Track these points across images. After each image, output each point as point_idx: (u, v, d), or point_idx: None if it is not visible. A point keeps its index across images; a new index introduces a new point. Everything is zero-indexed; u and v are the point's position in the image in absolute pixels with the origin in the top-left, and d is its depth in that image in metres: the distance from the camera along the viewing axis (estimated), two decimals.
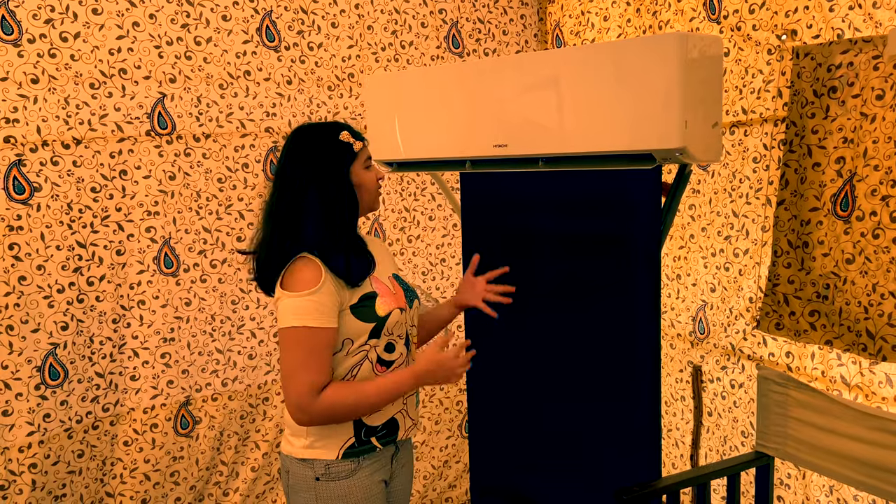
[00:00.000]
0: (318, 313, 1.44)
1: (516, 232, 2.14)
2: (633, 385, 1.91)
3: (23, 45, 2.09)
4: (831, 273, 1.92)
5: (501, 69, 1.85)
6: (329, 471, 1.52)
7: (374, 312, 1.51)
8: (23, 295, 2.15)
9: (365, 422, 1.54)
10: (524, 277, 2.13)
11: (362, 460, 1.55)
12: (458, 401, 3.06)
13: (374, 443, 1.56)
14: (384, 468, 1.61)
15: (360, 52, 2.66)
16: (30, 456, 2.18)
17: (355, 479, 1.53)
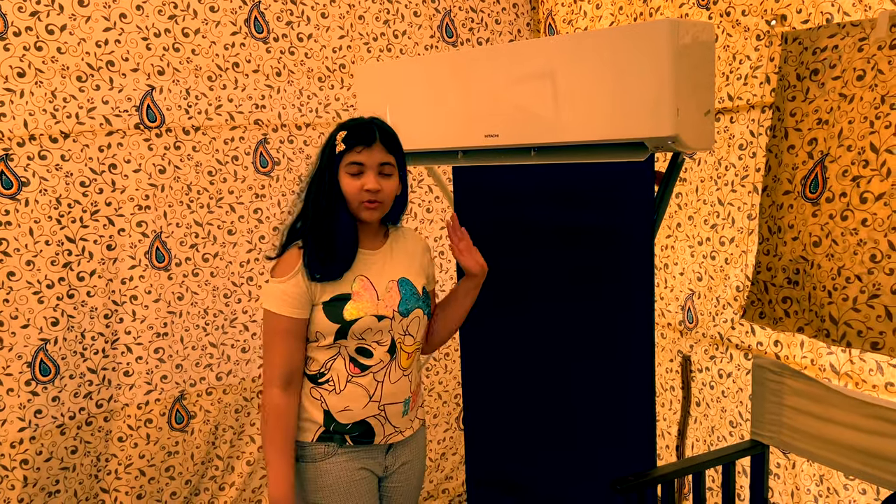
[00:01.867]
0: (281, 301, 1.50)
1: (510, 224, 2.12)
2: (629, 375, 1.90)
3: (8, 39, 2.06)
4: (800, 257, 1.89)
5: (493, 58, 1.83)
6: (304, 452, 1.56)
7: (340, 314, 1.51)
8: (11, 291, 2.13)
9: (334, 416, 1.55)
10: (518, 270, 2.12)
11: (338, 446, 1.56)
12: (455, 394, 3.05)
13: (346, 438, 1.56)
14: (370, 461, 1.60)
15: (352, 42, 2.63)
16: (21, 452, 2.17)
17: (330, 463, 1.55)
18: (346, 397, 1.55)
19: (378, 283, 1.58)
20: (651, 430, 1.89)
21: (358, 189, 1.52)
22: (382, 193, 1.54)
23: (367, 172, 1.53)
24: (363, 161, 1.52)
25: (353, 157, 1.52)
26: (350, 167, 1.52)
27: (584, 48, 1.64)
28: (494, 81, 1.82)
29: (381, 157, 1.54)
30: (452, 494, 3.07)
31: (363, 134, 1.52)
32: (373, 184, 1.52)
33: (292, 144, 2.58)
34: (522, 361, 2.16)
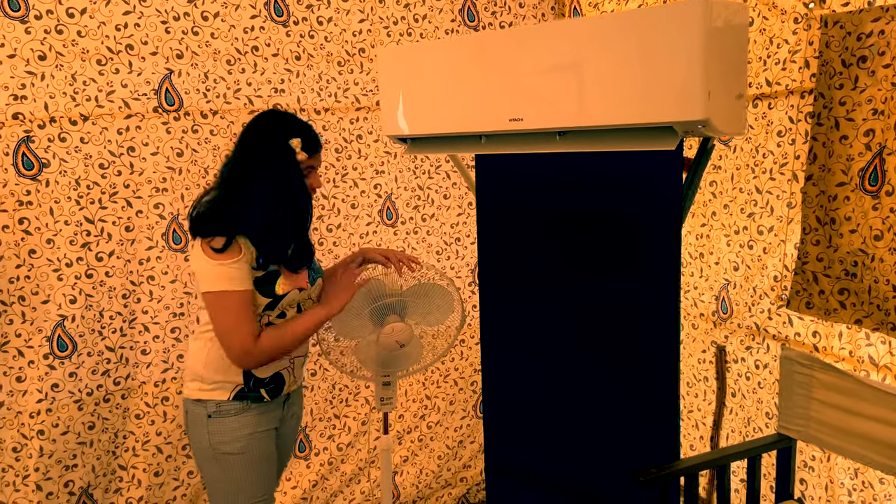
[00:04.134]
0: (240, 279, 1.65)
1: (533, 210, 2.09)
2: (652, 364, 1.86)
3: (30, 22, 2.05)
4: (859, 250, 1.85)
5: (519, 40, 1.79)
6: (220, 409, 1.74)
7: (273, 290, 1.72)
8: (33, 268, 2.15)
9: (254, 373, 1.75)
10: (541, 256, 2.08)
11: (251, 403, 1.76)
12: (472, 381, 3.04)
13: (262, 393, 1.77)
14: (273, 413, 1.82)
15: (372, 26, 2.60)
16: (38, 423, 2.21)
17: (244, 417, 1.75)
18: None
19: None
20: (675, 420, 1.86)
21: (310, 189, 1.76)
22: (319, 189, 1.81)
23: (314, 174, 1.76)
24: (314, 164, 1.76)
25: (310, 162, 1.74)
26: (306, 170, 1.73)
27: (613, 29, 1.60)
28: (520, 64, 1.77)
29: (321, 161, 1.79)
30: (470, 483, 3.05)
31: (315, 143, 1.74)
32: (320, 184, 1.78)
33: None
34: (543, 349, 2.14)
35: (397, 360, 2.23)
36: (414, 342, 2.20)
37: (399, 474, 2.92)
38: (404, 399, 2.91)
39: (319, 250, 2.64)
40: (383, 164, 2.71)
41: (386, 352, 2.16)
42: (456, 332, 2.30)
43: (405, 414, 2.92)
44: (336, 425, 2.78)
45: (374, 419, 2.84)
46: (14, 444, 2.19)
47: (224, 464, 1.76)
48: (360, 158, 2.67)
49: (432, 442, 2.98)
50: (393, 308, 2.15)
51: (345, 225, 2.68)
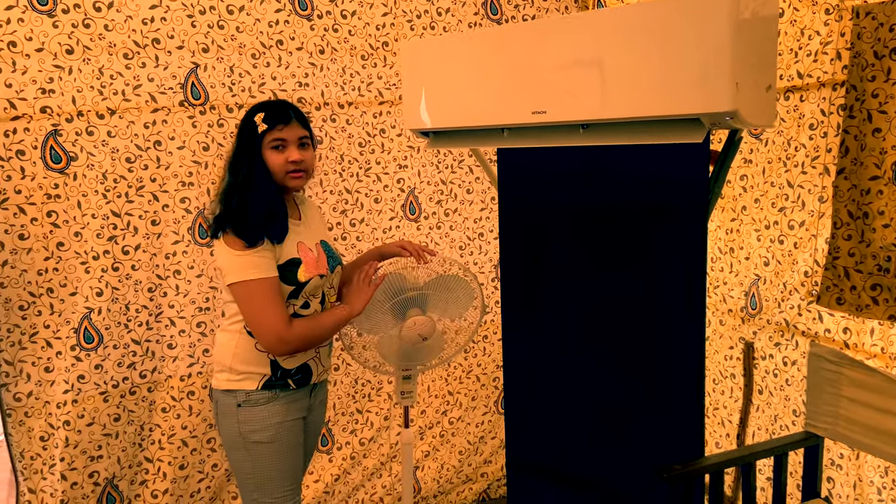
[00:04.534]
0: (265, 267, 1.68)
1: (556, 205, 2.07)
2: (677, 360, 1.84)
3: (57, 16, 2.08)
4: (892, 245, 1.81)
5: (541, 32, 1.77)
6: (249, 399, 1.77)
7: (295, 277, 1.74)
8: (61, 260, 2.18)
9: (281, 364, 1.78)
10: (565, 251, 2.07)
11: (279, 392, 1.79)
12: (494, 377, 3.02)
13: (289, 382, 1.80)
14: (301, 402, 1.85)
15: (395, 19, 2.60)
16: (64, 413, 2.25)
17: (272, 406, 1.78)
18: None
19: (311, 245, 1.82)
20: (700, 417, 1.83)
21: (283, 161, 1.74)
22: (305, 163, 1.77)
23: (289, 147, 1.74)
24: (285, 137, 1.73)
25: (276, 135, 1.72)
26: (273, 143, 1.73)
27: (638, 19, 1.57)
28: (543, 56, 1.76)
29: (298, 132, 1.76)
30: (491, 478, 3.04)
31: (281, 113, 1.73)
32: (296, 155, 1.75)
33: (335, 123, 2.56)
34: (566, 345, 2.12)
35: (419, 353, 2.22)
36: (436, 335, 2.20)
37: (420, 469, 2.92)
38: (426, 395, 2.91)
39: (343, 244, 2.65)
40: (406, 159, 2.71)
41: (408, 345, 2.16)
42: (476, 324, 2.29)
43: (427, 409, 2.92)
44: (358, 420, 2.79)
45: (396, 414, 2.84)
46: (41, 433, 2.23)
47: (254, 453, 1.78)
48: (384, 153, 2.67)
49: (454, 437, 2.98)
50: (414, 302, 2.15)
51: (368, 220, 2.68)
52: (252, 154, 1.72)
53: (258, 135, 1.72)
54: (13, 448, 2.22)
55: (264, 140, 1.72)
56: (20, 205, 2.11)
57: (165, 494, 2.44)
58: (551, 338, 2.16)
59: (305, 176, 1.80)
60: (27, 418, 2.21)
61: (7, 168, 2.07)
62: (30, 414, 2.21)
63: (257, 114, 1.73)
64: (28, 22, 2.04)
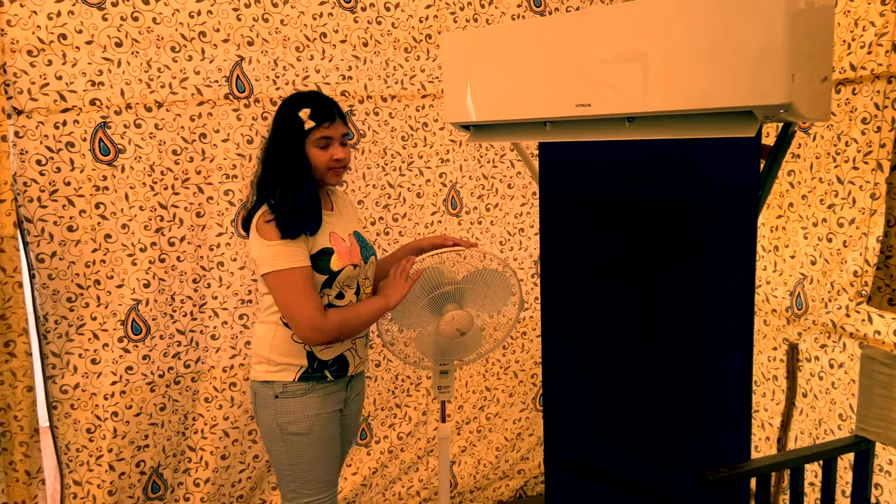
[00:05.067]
0: (298, 256, 1.70)
1: (598, 200, 2.04)
2: (723, 360, 1.80)
3: (107, 9, 2.11)
4: None
5: (587, 22, 1.74)
6: (286, 390, 1.79)
7: (328, 266, 1.75)
8: (108, 252, 2.22)
9: (317, 355, 1.80)
10: (607, 248, 2.03)
11: (316, 384, 1.80)
12: (532, 374, 3.00)
13: (326, 374, 1.81)
14: (337, 394, 1.86)
15: (438, 12, 2.58)
16: (112, 405, 2.28)
17: (309, 398, 1.79)
18: None
19: (344, 235, 1.84)
20: (746, 419, 1.79)
21: (328, 159, 1.76)
22: (346, 160, 1.81)
23: (333, 144, 1.77)
24: (330, 135, 1.76)
25: (322, 132, 1.74)
26: (319, 141, 1.75)
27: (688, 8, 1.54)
28: (588, 47, 1.73)
29: (342, 130, 1.79)
30: (528, 476, 3.02)
31: (327, 111, 1.75)
32: (340, 153, 1.78)
33: (378, 117, 2.56)
34: (607, 343, 2.09)
35: (456, 348, 2.22)
36: (474, 330, 2.19)
37: (457, 464, 2.91)
38: (464, 390, 2.90)
39: (385, 240, 2.65)
40: (448, 153, 2.70)
41: (446, 340, 2.15)
42: (514, 319, 2.27)
43: (464, 405, 2.91)
44: (397, 414, 2.79)
45: (434, 409, 2.84)
46: (88, 426, 2.27)
47: (291, 444, 1.79)
48: (426, 147, 2.66)
49: (491, 433, 2.97)
50: (451, 296, 2.14)
51: (410, 214, 2.68)
52: (296, 149, 1.73)
53: (304, 131, 1.73)
54: (58, 441, 2.26)
55: (310, 136, 1.74)
56: (69, 196, 2.15)
57: (207, 483, 2.48)
58: (592, 336, 2.12)
59: (344, 172, 1.83)
60: (73, 410, 2.25)
61: (57, 160, 2.11)
62: (76, 406, 2.25)
63: (302, 109, 1.73)
64: (78, 15, 2.08)
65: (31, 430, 2.15)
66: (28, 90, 2.04)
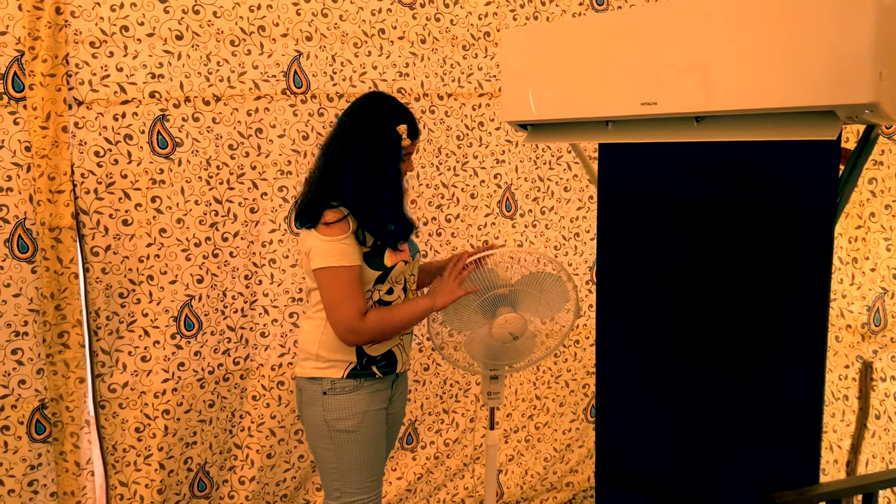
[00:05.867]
0: (351, 255, 1.70)
1: (661, 204, 1.95)
2: (793, 378, 1.69)
3: (168, 2, 2.13)
4: None
5: (654, 17, 1.66)
6: (335, 386, 1.77)
7: (382, 263, 1.75)
8: (163, 247, 2.22)
9: (366, 351, 1.78)
10: (670, 255, 1.94)
11: (364, 381, 1.78)
12: (584, 383, 2.91)
13: (374, 370, 1.79)
14: (384, 392, 1.84)
15: (498, 9, 2.53)
16: (164, 402, 2.27)
17: (357, 395, 1.78)
18: None
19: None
20: (816, 440, 1.67)
21: (405, 171, 1.81)
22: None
23: (409, 159, 1.80)
24: (413, 151, 1.81)
25: (410, 149, 1.78)
26: (406, 154, 1.78)
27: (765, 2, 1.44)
28: (655, 42, 1.65)
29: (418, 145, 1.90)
30: (577, 489, 2.93)
31: (417, 129, 1.79)
32: (413, 167, 1.84)
33: (433, 115, 2.52)
34: (666, 354, 1.99)
35: (508, 353, 2.16)
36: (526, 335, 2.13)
37: (504, 473, 2.84)
38: (513, 398, 2.83)
39: (437, 241, 2.61)
40: (504, 154, 2.64)
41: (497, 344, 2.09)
42: (569, 327, 2.19)
43: (513, 413, 2.84)
44: (444, 420, 2.74)
45: (482, 416, 2.77)
46: (137, 425, 2.26)
47: (338, 442, 1.77)
48: (481, 146, 2.61)
49: (539, 443, 2.88)
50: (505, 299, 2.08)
51: (463, 216, 2.63)
52: (395, 160, 1.75)
53: (400, 145, 1.75)
54: (105, 441, 2.24)
55: (401, 150, 1.76)
56: (126, 189, 2.16)
57: (252, 482, 2.46)
58: (650, 347, 2.03)
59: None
60: (121, 410, 2.23)
61: (114, 152, 2.13)
62: (124, 405, 2.24)
63: (401, 124, 1.74)
64: (140, 6, 2.09)
65: (82, 421, 2.16)
66: (89, 81, 2.06)
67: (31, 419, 2.12)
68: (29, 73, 1.97)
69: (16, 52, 1.96)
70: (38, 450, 2.14)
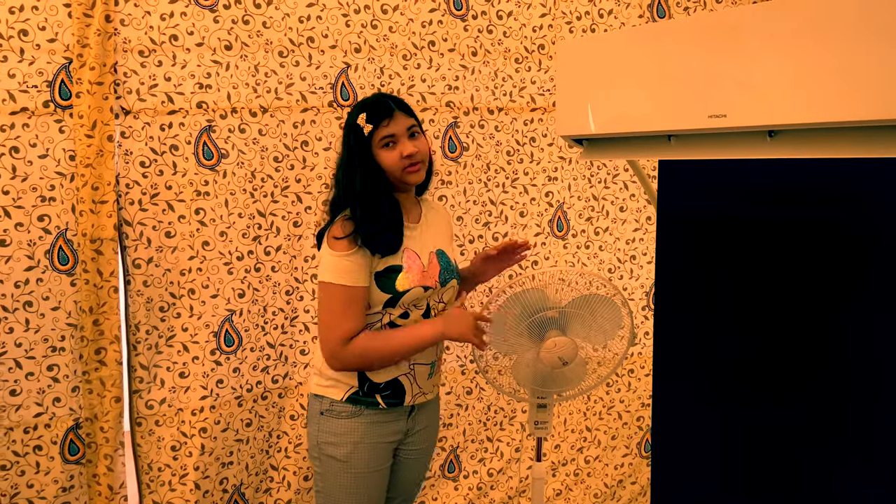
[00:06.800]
0: (353, 273, 1.57)
1: (728, 225, 1.81)
2: (880, 413, 1.52)
3: (218, 11, 2.10)
4: None
5: (723, 24, 1.55)
6: (332, 408, 1.66)
7: (392, 286, 1.60)
8: (205, 260, 2.17)
9: (369, 376, 1.64)
10: (734, 279, 1.80)
11: (364, 409, 1.65)
12: (639, 416, 2.75)
13: (377, 399, 1.65)
14: (391, 425, 1.69)
15: (553, 21, 2.44)
16: (201, 420, 2.20)
17: (353, 422, 1.65)
18: None
19: (422, 254, 1.67)
20: None
21: (398, 158, 1.60)
22: (420, 154, 1.63)
23: (400, 140, 1.61)
24: (393, 132, 1.60)
25: (383, 132, 1.60)
26: (383, 141, 1.60)
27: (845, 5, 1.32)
28: (725, 50, 1.53)
29: (405, 123, 1.62)
30: None
31: (382, 108, 1.60)
32: (410, 148, 1.60)
33: (483, 129, 2.43)
34: (731, 388, 1.84)
35: (556, 380, 2.04)
36: (577, 361, 2.00)
37: None
38: (562, 428, 2.69)
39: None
40: (556, 171, 2.53)
41: (546, 369, 1.98)
42: (622, 355, 2.06)
43: (562, 444, 2.69)
44: (488, 448, 2.61)
45: (528, 447, 2.64)
46: (173, 443, 2.19)
47: (326, 466, 1.67)
48: (532, 163, 2.51)
49: (589, 478, 2.73)
50: (554, 322, 1.97)
51: (512, 234, 2.52)
52: (364, 158, 1.61)
53: (365, 137, 1.61)
54: (140, 460, 2.17)
55: (373, 140, 1.60)
56: (170, 201, 2.13)
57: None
58: (714, 378, 1.88)
59: (423, 167, 1.65)
60: (158, 427, 2.17)
61: (160, 162, 2.10)
62: (161, 422, 2.18)
63: (359, 115, 1.61)
64: (190, 16, 2.07)
65: (116, 442, 2.11)
66: (137, 90, 2.04)
67: (64, 439, 2.07)
68: (76, 80, 1.96)
69: (64, 59, 1.95)
70: (71, 471, 2.09)
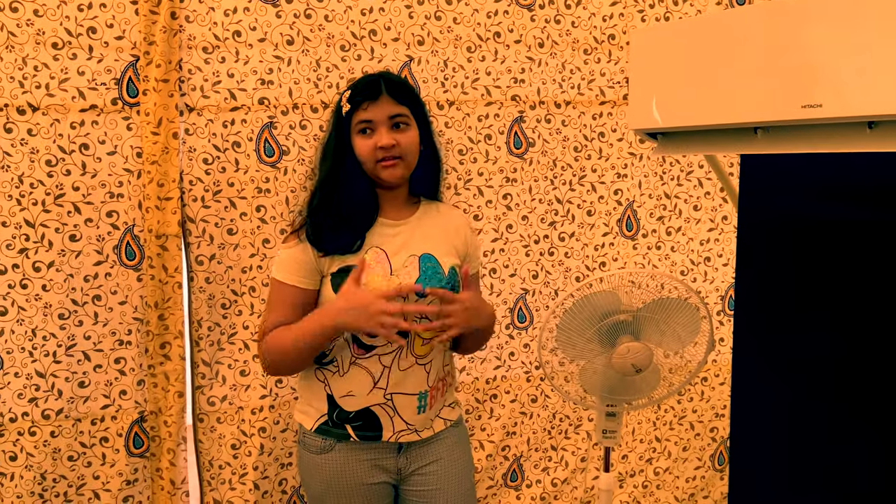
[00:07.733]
0: (287, 270, 1.43)
1: (817, 226, 1.68)
2: None
3: (281, 6, 2.07)
4: None
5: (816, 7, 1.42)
6: (305, 440, 1.50)
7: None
8: (265, 258, 2.16)
9: (337, 401, 1.45)
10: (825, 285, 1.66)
11: (336, 442, 1.46)
12: (712, 427, 2.60)
13: (348, 431, 1.45)
14: (374, 462, 1.46)
15: (625, 9, 2.33)
16: (260, 419, 2.18)
17: (325, 458, 1.45)
18: (349, 380, 1.44)
19: (395, 256, 1.44)
20: None
21: (371, 148, 1.41)
22: (399, 148, 1.41)
23: (377, 129, 1.41)
24: (371, 117, 1.41)
25: (361, 116, 1.41)
26: (359, 125, 1.42)
27: None
28: (820, 32, 1.40)
29: (389, 110, 1.41)
30: None
31: (368, 88, 1.41)
32: (385, 139, 1.39)
33: (549, 124, 2.34)
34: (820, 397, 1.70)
35: (627, 387, 1.94)
36: (651, 368, 1.89)
37: None
38: (630, 438, 2.57)
39: (549, 261, 2.40)
40: (626, 167, 2.42)
41: (617, 377, 1.88)
42: (699, 363, 1.94)
43: (630, 455, 2.57)
44: (552, 458, 2.51)
45: (595, 457, 2.53)
46: (233, 441, 2.18)
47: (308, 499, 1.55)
48: (601, 159, 2.40)
49: (658, 490, 2.60)
50: (626, 327, 1.87)
51: (578, 234, 2.42)
52: (339, 142, 1.43)
53: (343, 117, 1.43)
54: (202, 456, 2.16)
55: (351, 123, 1.42)
56: (231, 198, 2.11)
57: None
58: (797, 389, 1.75)
59: (401, 163, 1.42)
60: (219, 424, 2.16)
61: (222, 159, 2.08)
62: (222, 420, 2.17)
63: (346, 91, 1.44)
64: (253, 11, 2.04)
65: (179, 437, 2.11)
66: (201, 87, 2.03)
67: (129, 432, 2.08)
68: (143, 78, 1.96)
69: (131, 56, 1.96)
70: (135, 464, 2.10)
